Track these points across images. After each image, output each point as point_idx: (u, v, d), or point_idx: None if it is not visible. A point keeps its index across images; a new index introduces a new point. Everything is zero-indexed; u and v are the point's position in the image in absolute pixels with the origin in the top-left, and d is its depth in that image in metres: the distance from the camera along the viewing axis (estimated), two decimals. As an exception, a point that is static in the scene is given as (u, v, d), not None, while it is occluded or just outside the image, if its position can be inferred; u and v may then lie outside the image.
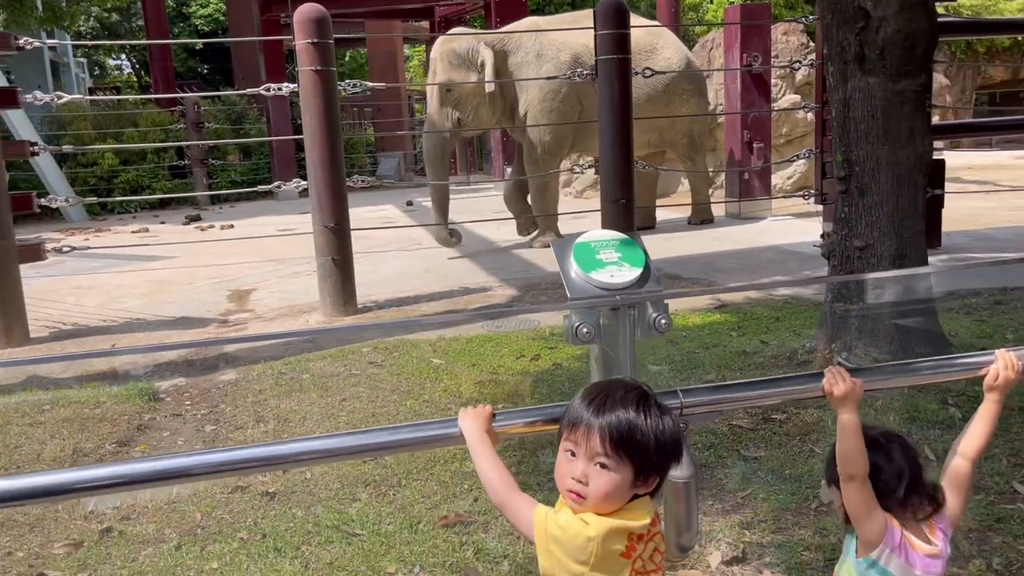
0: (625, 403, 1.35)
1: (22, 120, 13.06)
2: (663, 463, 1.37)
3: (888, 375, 1.73)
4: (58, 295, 7.31)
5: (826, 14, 3.96)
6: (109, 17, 25.96)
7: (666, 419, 1.37)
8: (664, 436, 1.35)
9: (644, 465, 1.33)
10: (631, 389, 1.39)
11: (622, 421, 1.33)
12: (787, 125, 11.50)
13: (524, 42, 8.32)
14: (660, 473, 1.38)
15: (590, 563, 1.30)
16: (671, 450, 1.37)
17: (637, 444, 1.32)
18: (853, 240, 3.97)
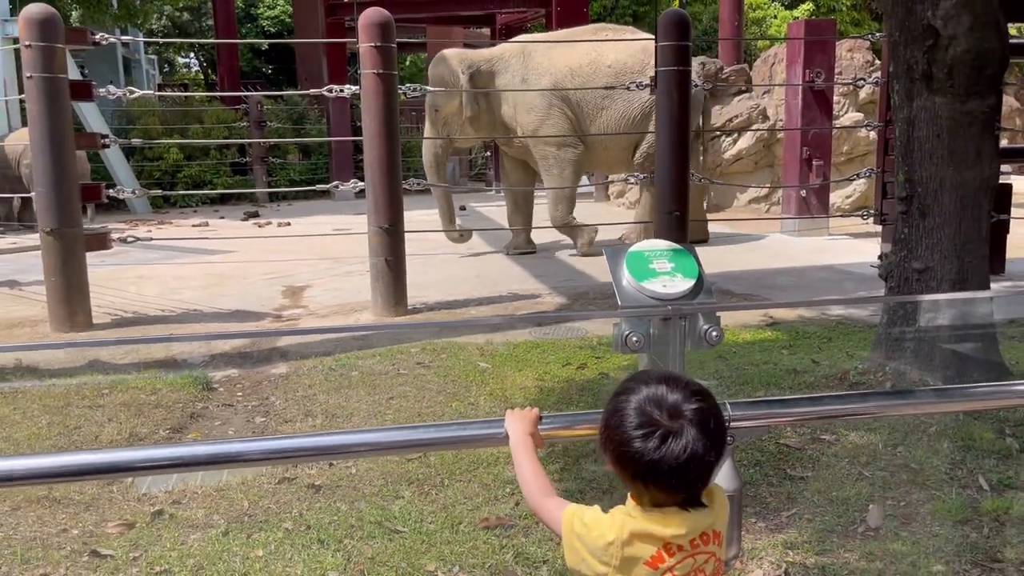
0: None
1: (94, 113, 13.51)
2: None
3: (942, 399, 1.70)
4: (120, 283, 7.53)
5: (894, 31, 3.89)
6: (180, 16, 26.72)
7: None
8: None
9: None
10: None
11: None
12: (848, 143, 11.29)
13: (512, 64, 8.46)
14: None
15: (612, 564, 1.29)
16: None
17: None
18: (912, 262, 3.88)
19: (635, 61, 8.21)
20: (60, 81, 5.74)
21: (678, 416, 1.27)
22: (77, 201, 5.91)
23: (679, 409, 1.28)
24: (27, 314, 6.36)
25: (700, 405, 1.29)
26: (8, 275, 8.08)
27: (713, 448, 1.28)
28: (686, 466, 1.25)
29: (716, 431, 1.29)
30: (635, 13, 23.75)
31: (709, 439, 1.27)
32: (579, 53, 8.36)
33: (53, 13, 5.76)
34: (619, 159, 8.74)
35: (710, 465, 1.29)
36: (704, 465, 1.27)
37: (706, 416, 1.29)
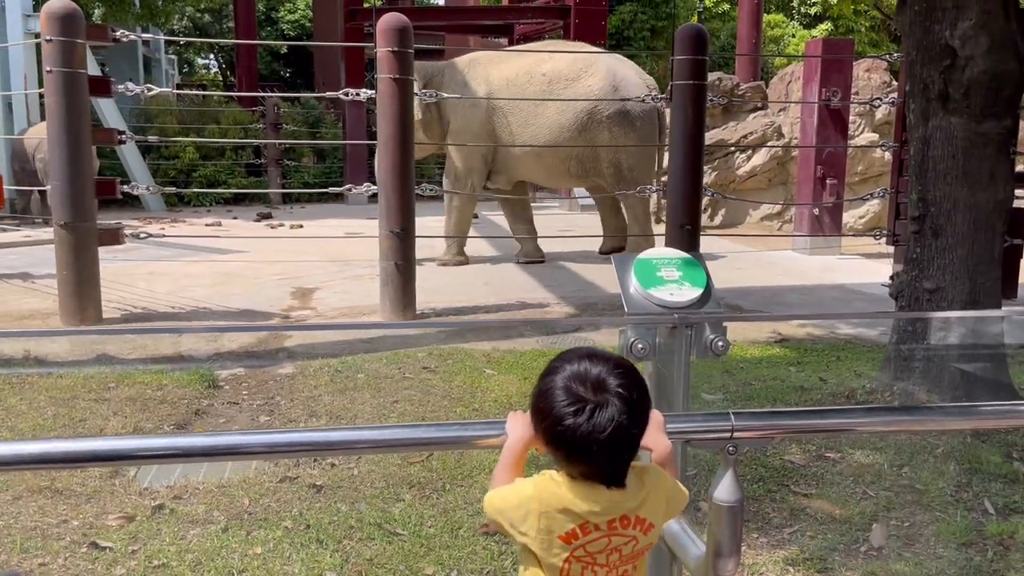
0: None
1: (112, 110, 13.61)
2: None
3: (949, 416, 1.68)
4: (131, 279, 7.57)
5: (911, 50, 3.89)
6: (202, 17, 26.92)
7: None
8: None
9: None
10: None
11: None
12: (863, 163, 11.27)
13: (458, 76, 8.60)
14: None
15: (530, 535, 1.31)
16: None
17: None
18: (923, 282, 3.86)
19: (570, 69, 8.21)
20: (79, 76, 5.79)
21: (603, 390, 1.28)
22: (92, 196, 5.94)
23: (603, 383, 1.29)
24: (38, 307, 6.40)
25: (623, 379, 1.30)
26: (22, 267, 8.13)
27: (638, 420, 1.30)
28: (614, 438, 1.27)
29: (639, 403, 1.31)
30: (653, 28, 23.81)
31: (633, 410, 1.29)
32: (516, 64, 8.46)
33: (75, 9, 5.81)
34: (555, 170, 8.64)
35: (635, 437, 1.30)
36: (629, 437, 1.29)
37: (629, 389, 1.30)
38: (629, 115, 8.16)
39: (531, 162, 8.52)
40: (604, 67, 8.25)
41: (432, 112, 8.60)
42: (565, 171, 8.56)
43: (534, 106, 8.22)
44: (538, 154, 8.35)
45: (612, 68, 8.30)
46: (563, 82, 8.13)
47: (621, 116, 8.14)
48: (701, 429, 1.54)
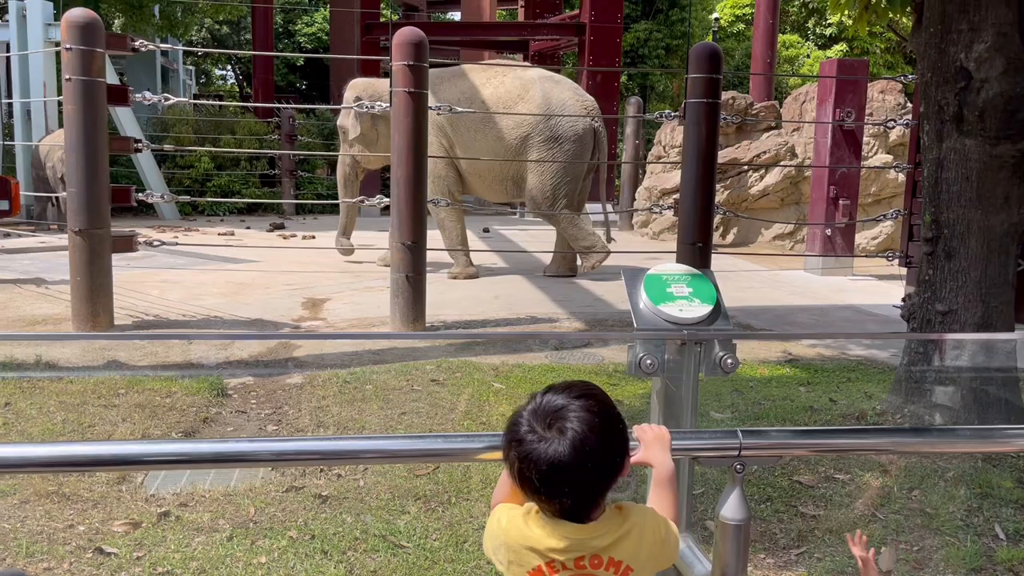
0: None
1: (129, 118, 13.74)
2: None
3: (960, 439, 1.67)
4: (143, 287, 7.61)
5: (926, 72, 3.88)
6: (220, 29, 27.18)
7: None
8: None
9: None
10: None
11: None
12: (876, 184, 11.24)
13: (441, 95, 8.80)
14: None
15: (503, 564, 1.31)
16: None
17: None
18: (936, 304, 3.84)
19: (508, 96, 8.52)
20: (98, 85, 5.85)
21: (552, 426, 1.26)
22: (107, 203, 5.99)
23: (559, 418, 1.27)
24: (51, 312, 6.44)
25: (580, 417, 1.27)
26: (35, 273, 8.19)
27: (588, 459, 1.25)
28: (557, 474, 1.24)
29: (595, 445, 1.26)
30: (668, 46, 23.89)
31: (581, 450, 1.24)
32: (459, 87, 8.73)
33: (95, 18, 5.88)
34: (495, 189, 8.95)
35: (584, 475, 1.26)
36: (576, 475, 1.25)
37: (585, 427, 1.26)
38: (559, 139, 8.46)
39: (474, 180, 8.90)
40: (540, 94, 8.50)
41: (379, 127, 8.93)
42: (503, 190, 8.92)
43: (473, 130, 8.57)
44: (479, 174, 8.75)
45: (547, 94, 8.53)
46: (502, 104, 8.46)
47: (552, 140, 8.45)
48: (708, 447, 1.53)
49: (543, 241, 12.44)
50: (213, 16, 20.12)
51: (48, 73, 13.55)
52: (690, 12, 22.48)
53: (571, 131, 8.45)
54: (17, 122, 14.22)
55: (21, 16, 13.73)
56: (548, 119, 8.36)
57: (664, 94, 25.41)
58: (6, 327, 5.99)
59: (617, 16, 16.31)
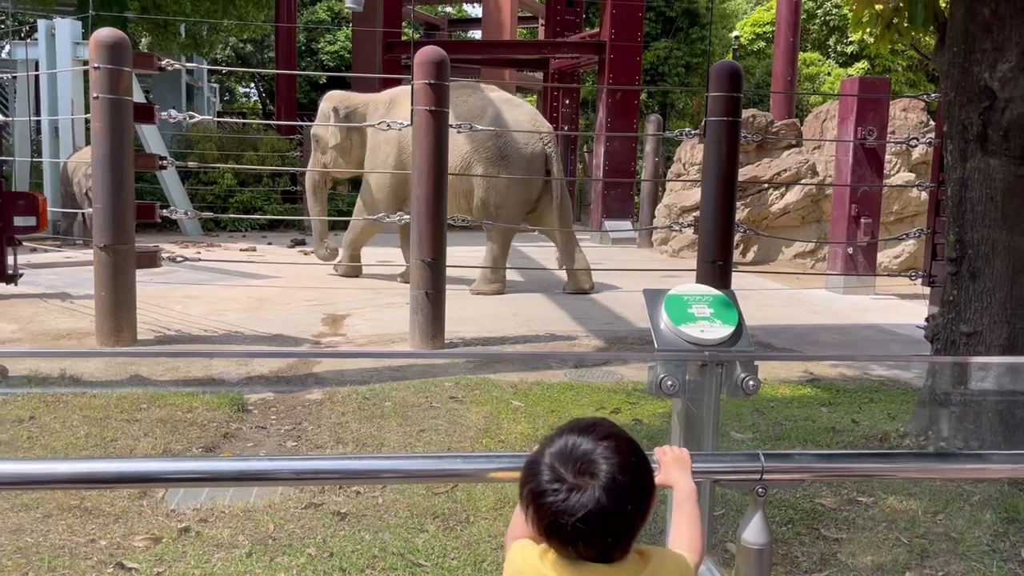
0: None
1: (154, 136, 13.93)
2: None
3: (987, 464, 1.65)
4: (166, 302, 7.69)
5: (949, 91, 3.86)
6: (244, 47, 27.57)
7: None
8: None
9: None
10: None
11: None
12: (899, 203, 11.16)
13: (379, 110, 9.31)
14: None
15: None
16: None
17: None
18: (960, 325, 3.80)
19: (470, 114, 8.69)
20: (125, 103, 5.94)
21: (585, 472, 1.23)
22: (132, 219, 6.06)
23: (589, 463, 1.24)
24: (75, 326, 6.51)
25: (611, 459, 1.24)
26: (61, 287, 8.30)
27: (624, 504, 1.22)
28: (592, 521, 1.21)
29: (630, 487, 1.24)
30: (688, 64, 23.92)
31: (618, 494, 1.22)
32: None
33: (122, 37, 5.98)
34: (451, 201, 8.86)
35: (620, 520, 1.23)
36: (612, 520, 1.22)
37: (617, 470, 1.23)
38: (506, 158, 8.73)
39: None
40: (492, 115, 8.80)
41: (354, 138, 9.43)
42: (456, 205, 9.08)
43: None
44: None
45: (499, 115, 8.82)
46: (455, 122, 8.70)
47: (499, 159, 8.71)
48: (730, 469, 1.52)
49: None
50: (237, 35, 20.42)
51: (76, 91, 13.78)
52: (711, 30, 22.51)
53: (518, 152, 8.73)
54: (45, 139, 14.47)
55: (50, 35, 14.00)
56: (498, 138, 8.65)
57: (684, 111, 25.42)
58: (32, 340, 6.07)
59: (637, 34, 16.36)
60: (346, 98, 9.66)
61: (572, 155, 20.22)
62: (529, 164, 8.73)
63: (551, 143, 8.89)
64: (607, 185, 15.84)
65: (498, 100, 9.12)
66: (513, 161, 8.71)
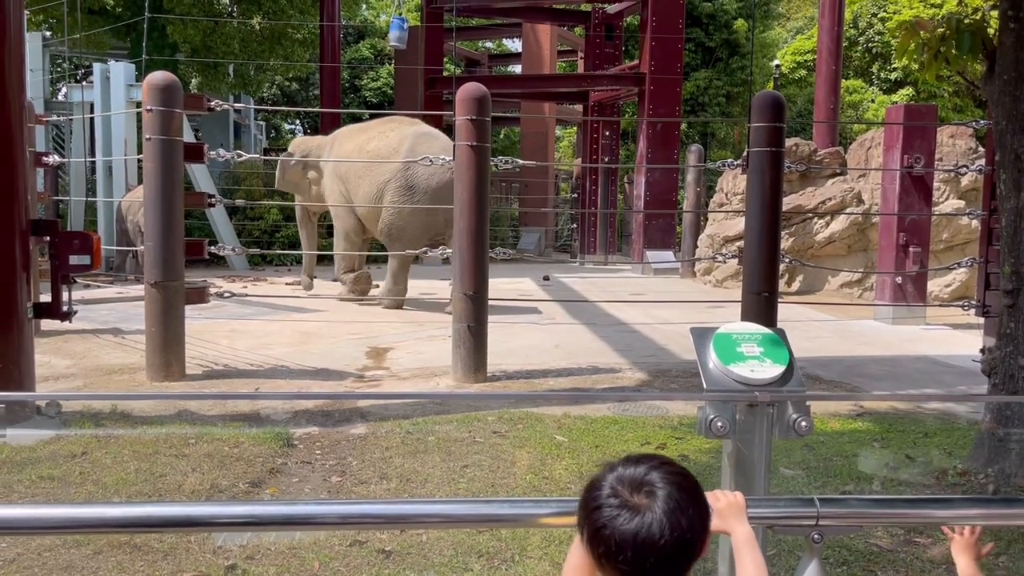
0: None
1: (203, 174, 14.29)
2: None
3: (1055, 510, 1.58)
4: (214, 336, 7.81)
5: (1000, 120, 3.78)
6: (290, 86, 28.20)
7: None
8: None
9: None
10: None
11: None
12: (948, 231, 10.92)
13: (323, 150, 10.47)
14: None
15: None
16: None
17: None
18: (1019, 359, 3.68)
19: (388, 147, 9.72)
20: (175, 143, 6.10)
21: (643, 495, 1.23)
22: (181, 256, 6.19)
23: (647, 489, 1.24)
24: (126, 361, 6.65)
25: (671, 491, 1.24)
26: (113, 323, 8.49)
27: (672, 537, 1.20)
28: (639, 547, 1.20)
29: (686, 515, 1.23)
30: (728, 93, 23.85)
31: (671, 528, 1.20)
32: (356, 141, 10.18)
33: (174, 81, 6.16)
34: (375, 230, 10.14)
35: (668, 555, 1.21)
36: (660, 552, 1.20)
37: (675, 501, 1.23)
38: (413, 188, 9.45)
39: (367, 223, 10.14)
40: (407, 148, 9.51)
41: (312, 175, 10.55)
42: (378, 232, 10.08)
43: (358, 178, 9.83)
44: (365, 216, 10.00)
45: (414, 148, 9.46)
46: (380, 158, 9.64)
47: (406, 188, 9.46)
48: (784, 515, 1.48)
49: (603, 289, 12.41)
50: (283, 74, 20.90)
51: (129, 131, 14.21)
52: (751, 60, 22.45)
53: (425, 183, 9.39)
54: (99, 178, 14.92)
55: (105, 78, 14.49)
56: (406, 169, 9.35)
57: (725, 141, 25.30)
58: (85, 375, 6.20)
59: (677, 66, 16.39)
60: (304, 142, 10.99)
61: (612, 186, 20.23)
62: (435, 194, 9.28)
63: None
64: (648, 216, 15.79)
65: (414, 134, 9.84)
66: (419, 191, 9.44)
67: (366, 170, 9.63)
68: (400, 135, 9.81)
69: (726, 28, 23.89)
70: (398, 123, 10.32)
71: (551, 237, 22.65)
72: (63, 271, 5.18)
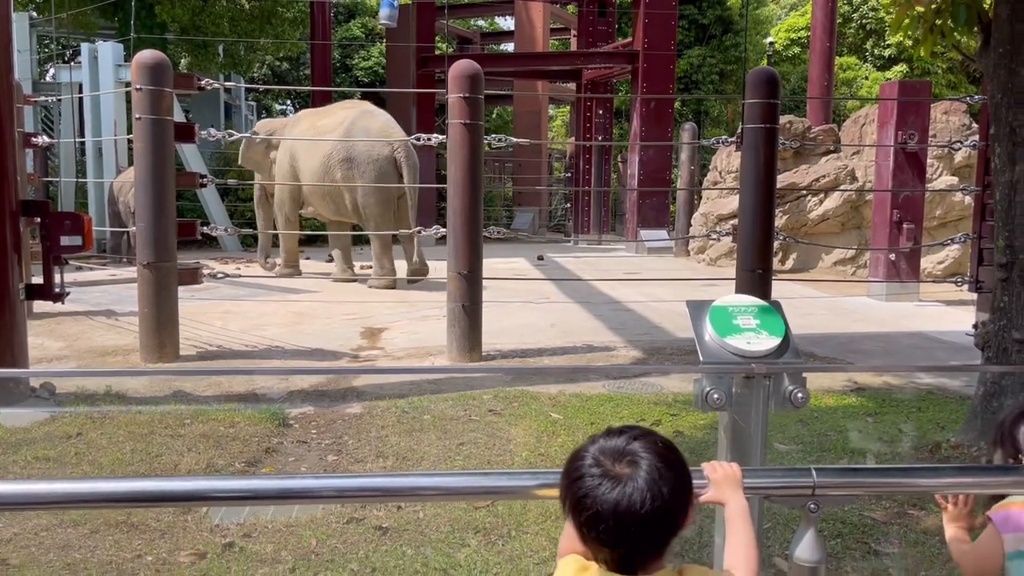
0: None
1: (194, 154, 14.19)
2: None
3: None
4: (207, 317, 7.79)
5: (995, 93, 3.77)
6: (281, 65, 27.97)
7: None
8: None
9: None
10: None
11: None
12: (941, 207, 10.94)
13: (284, 130, 10.79)
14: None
15: None
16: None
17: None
18: (1012, 332, 3.69)
19: (333, 124, 10.05)
20: (166, 123, 6.05)
21: (624, 463, 1.23)
22: (174, 236, 6.16)
23: (629, 458, 1.24)
24: (120, 343, 6.63)
25: (652, 460, 1.24)
26: (106, 305, 8.46)
27: (654, 506, 1.21)
28: (620, 515, 1.20)
29: (669, 484, 1.22)
30: (722, 71, 23.75)
31: (650, 495, 1.21)
32: (308, 121, 10.57)
33: (163, 59, 6.09)
34: (320, 203, 10.42)
35: (649, 524, 1.21)
36: (642, 521, 1.20)
37: (656, 471, 1.23)
38: (353, 160, 9.79)
39: (314, 199, 10.41)
40: (348, 125, 9.93)
41: (273, 155, 10.85)
42: (326, 207, 10.36)
43: (305, 153, 10.17)
44: (312, 191, 10.28)
45: (354, 124, 9.93)
46: (326, 135, 9.95)
47: (347, 161, 9.79)
48: (781, 485, 1.49)
49: (598, 268, 12.41)
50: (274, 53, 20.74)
51: (119, 112, 14.09)
52: (745, 37, 22.34)
53: (366, 156, 9.75)
54: (89, 160, 14.81)
55: (93, 58, 14.34)
56: (346, 144, 9.75)
57: (719, 119, 25.23)
58: (79, 357, 6.19)
59: (670, 43, 16.30)
60: (268, 123, 11.46)
61: (606, 165, 20.17)
62: (378, 167, 9.70)
63: (400, 149, 9.71)
64: (642, 194, 15.77)
65: (356, 113, 10.27)
66: (361, 164, 9.75)
67: (310, 146, 10.04)
68: (345, 114, 10.28)
69: (719, 5, 23.75)
70: (351, 105, 10.89)
71: (545, 217, 22.61)
72: (54, 252, 5.14)
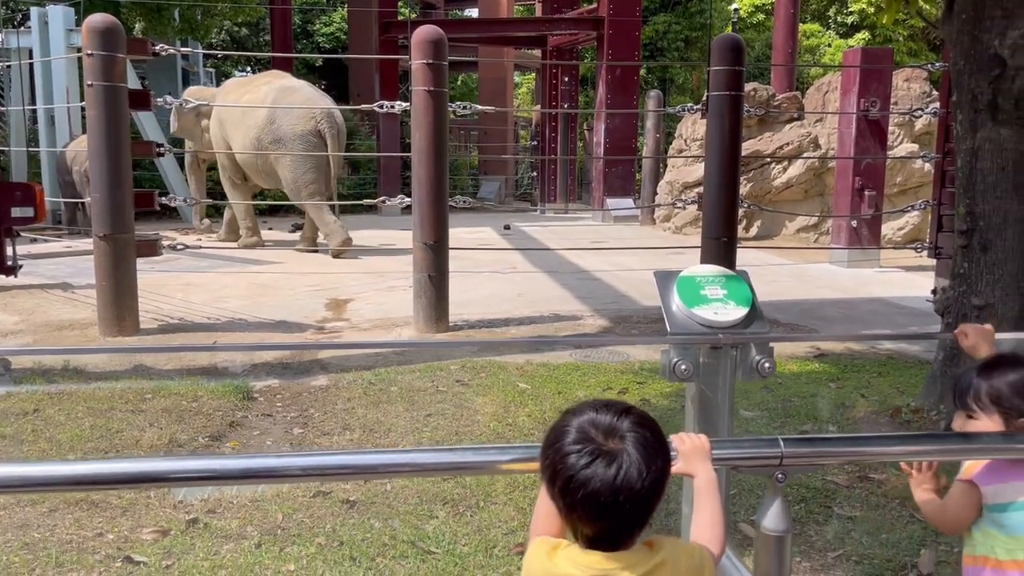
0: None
1: (151, 123, 13.83)
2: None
3: (1012, 443, 1.61)
4: (168, 290, 7.65)
5: (958, 60, 3.79)
6: (239, 31, 27.30)
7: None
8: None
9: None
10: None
11: None
12: (902, 174, 11.07)
13: (215, 99, 10.89)
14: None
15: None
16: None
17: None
18: (971, 298, 3.75)
19: (256, 100, 10.31)
20: (119, 90, 5.87)
21: (616, 439, 1.22)
22: (131, 207, 6.01)
23: (619, 434, 1.23)
24: (77, 317, 6.48)
25: (642, 434, 1.23)
26: (62, 277, 8.26)
27: (648, 482, 1.20)
28: (616, 491, 1.19)
29: (655, 467, 1.22)
30: (687, 38, 23.70)
31: (645, 471, 1.20)
32: (237, 93, 10.79)
33: (115, 23, 5.89)
34: (255, 174, 10.75)
35: (642, 499, 1.21)
36: (635, 496, 1.20)
37: (646, 446, 1.22)
38: (281, 139, 10.15)
39: (251, 172, 10.75)
40: (271, 100, 10.21)
41: (204, 123, 11.16)
42: (260, 178, 10.74)
43: (234, 127, 10.48)
44: (244, 164, 10.63)
45: (276, 101, 10.20)
46: (250, 110, 10.25)
47: (277, 141, 10.16)
48: (749, 456, 1.49)
49: (564, 237, 12.40)
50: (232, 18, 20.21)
51: (71, 79, 13.66)
52: (710, 3, 22.27)
53: (291, 132, 10.12)
54: (41, 128, 14.38)
55: (43, 23, 13.86)
56: (272, 124, 10.14)
57: (684, 87, 25.23)
58: (34, 331, 6.04)
59: (636, 9, 16.19)
60: (199, 90, 11.64)
61: (572, 133, 20.08)
62: (305, 141, 10.07)
63: (323, 120, 10.06)
64: (608, 163, 15.75)
65: (278, 87, 10.51)
66: (288, 140, 10.10)
67: (240, 121, 10.28)
68: (268, 88, 10.48)
69: (685, -29, 23.64)
70: (273, 77, 11.04)
71: (511, 185, 22.51)
72: (6, 224, 5.00)
